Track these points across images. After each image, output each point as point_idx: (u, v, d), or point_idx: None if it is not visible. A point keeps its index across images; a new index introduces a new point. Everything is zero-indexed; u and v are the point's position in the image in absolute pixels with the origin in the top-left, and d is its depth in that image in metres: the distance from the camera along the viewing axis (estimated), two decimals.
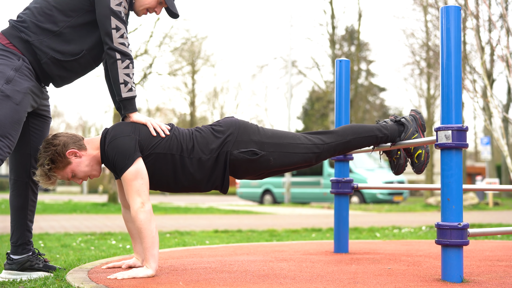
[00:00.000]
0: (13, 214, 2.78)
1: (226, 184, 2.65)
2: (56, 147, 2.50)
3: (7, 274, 2.75)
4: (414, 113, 3.00)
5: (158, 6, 2.74)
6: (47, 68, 2.57)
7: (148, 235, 2.45)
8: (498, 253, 3.55)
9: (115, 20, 2.53)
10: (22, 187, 2.75)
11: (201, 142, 2.60)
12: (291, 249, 3.80)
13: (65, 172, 2.55)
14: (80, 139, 2.58)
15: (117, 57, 2.53)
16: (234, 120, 2.70)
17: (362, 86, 30.46)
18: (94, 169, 2.61)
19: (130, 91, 2.57)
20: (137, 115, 2.61)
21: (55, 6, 2.55)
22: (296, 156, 2.70)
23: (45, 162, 2.50)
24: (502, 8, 7.07)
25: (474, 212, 12.63)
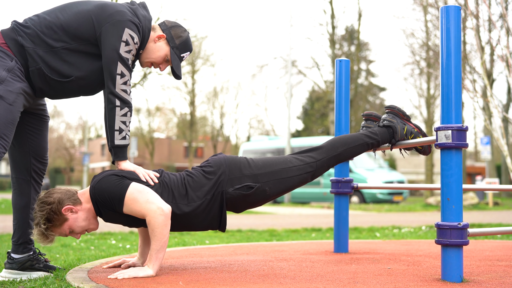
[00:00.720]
0: (15, 212, 2.78)
1: (223, 223, 2.65)
2: (51, 205, 2.45)
3: (7, 273, 2.75)
4: (389, 109, 3.00)
5: (163, 63, 2.74)
6: (32, 77, 2.54)
7: (160, 238, 2.42)
8: (498, 253, 3.55)
9: (121, 66, 2.52)
10: (24, 185, 2.76)
11: (194, 186, 2.58)
12: (291, 249, 3.81)
13: (62, 229, 2.50)
14: (74, 193, 2.53)
15: (117, 103, 2.53)
16: (223, 158, 2.68)
17: (362, 86, 30.47)
18: (91, 223, 2.55)
19: (123, 139, 2.57)
20: (126, 163, 2.60)
21: (63, 26, 2.53)
22: (291, 180, 2.71)
23: (41, 222, 2.45)
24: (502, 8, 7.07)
25: (474, 212, 12.64)
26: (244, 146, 21.29)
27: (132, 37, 2.54)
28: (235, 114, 37.99)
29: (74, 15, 2.55)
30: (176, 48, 2.70)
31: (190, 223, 2.61)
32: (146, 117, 37.95)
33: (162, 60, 2.71)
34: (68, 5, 2.61)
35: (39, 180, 2.80)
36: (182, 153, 47.91)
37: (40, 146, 2.77)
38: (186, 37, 2.73)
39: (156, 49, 2.68)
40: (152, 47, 2.68)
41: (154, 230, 2.42)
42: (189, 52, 2.77)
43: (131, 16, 2.55)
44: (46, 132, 2.81)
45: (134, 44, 2.55)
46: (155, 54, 2.69)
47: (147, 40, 2.66)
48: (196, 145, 41.14)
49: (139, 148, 38.68)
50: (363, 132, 2.91)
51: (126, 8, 2.59)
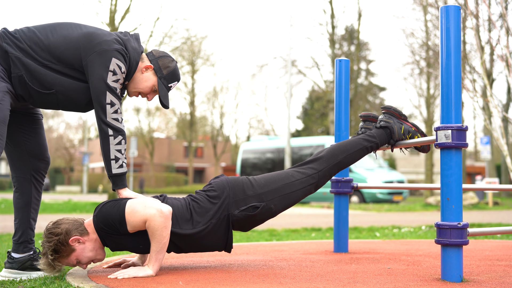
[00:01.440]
0: (17, 211, 2.78)
1: (229, 244, 2.68)
2: (58, 237, 2.46)
3: (7, 273, 2.75)
4: (385, 110, 3.00)
5: (151, 93, 2.75)
6: (13, 83, 2.53)
7: (160, 240, 2.44)
8: (498, 252, 3.55)
9: (110, 95, 2.52)
10: (24, 183, 2.76)
11: (199, 212, 2.59)
12: (291, 248, 3.81)
13: (69, 260, 2.52)
14: (81, 223, 2.54)
15: (110, 133, 2.54)
16: (224, 180, 2.69)
17: (362, 86, 30.47)
18: (98, 254, 2.57)
19: (120, 167, 2.57)
20: (127, 191, 2.61)
21: (51, 47, 2.53)
22: (295, 194, 2.72)
23: (49, 252, 2.47)
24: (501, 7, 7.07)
25: (473, 212, 12.64)
26: (244, 146, 21.29)
27: (120, 67, 2.54)
28: (235, 114, 38.00)
29: (63, 38, 2.55)
30: (163, 78, 2.70)
31: (196, 245, 2.62)
32: (146, 117, 37.98)
33: (149, 90, 2.71)
34: (60, 25, 2.61)
35: (40, 179, 2.80)
36: (182, 153, 47.92)
37: (38, 144, 2.77)
38: (173, 67, 2.74)
39: (143, 79, 2.69)
40: (140, 77, 2.69)
41: (154, 233, 2.42)
42: (176, 82, 2.78)
43: (118, 46, 2.56)
44: (41, 130, 2.81)
45: (121, 74, 2.56)
46: (142, 84, 2.69)
47: (134, 71, 2.66)
48: (196, 145, 41.15)
49: (139, 148, 38.68)
50: (361, 136, 2.91)
51: (114, 38, 2.59)
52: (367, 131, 2.97)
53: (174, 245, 2.59)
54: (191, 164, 38.86)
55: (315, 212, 12.40)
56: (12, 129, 2.70)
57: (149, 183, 39.42)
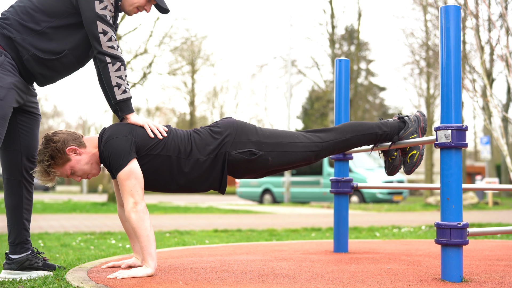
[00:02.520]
0: (9, 213, 2.77)
1: (224, 185, 2.66)
2: (56, 144, 2.51)
3: (7, 274, 2.75)
4: (419, 114, 2.98)
5: (147, 4, 2.74)
6: (28, 65, 2.57)
7: (142, 234, 2.45)
8: (498, 252, 3.55)
9: (101, 24, 2.53)
10: (15, 185, 2.75)
11: (199, 143, 2.61)
12: (291, 248, 3.81)
13: (64, 169, 2.56)
14: (79, 136, 2.59)
15: (108, 60, 2.54)
16: (232, 120, 2.70)
17: (361, 86, 30.47)
18: (93, 168, 2.61)
19: (124, 92, 2.58)
20: (135, 117, 2.62)
21: (38, 7, 2.56)
22: (295, 155, 2.70)
23: (45, 158, 2.51)
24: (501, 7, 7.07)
25: (473, 212, 12.64)
26: None
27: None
28: (235, 114, 37.99)
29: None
30: None
31: (192, 181, 2.62)
32: (146, 116, 37.97)
33: (145, 1, 2.71)
34: None
35: (30, 180, 2.80)
36: None
37: (31, 144, 2.77)
38: None
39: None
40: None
41: (134, 227, 2.47)
42: None
43: None
44: (37, 130, 2.81)
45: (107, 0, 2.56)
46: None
47: None
48: None
49: None
50: (376, 123, 2.89)
51: None
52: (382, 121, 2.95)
53: (173, 179, 2.59)
54: None
55: (315, 212, 12.40)
56: (12, 128, 2.70)
57: None
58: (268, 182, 19.16)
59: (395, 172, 3.02)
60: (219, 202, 18.73)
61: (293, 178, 18.64)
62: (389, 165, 3.00)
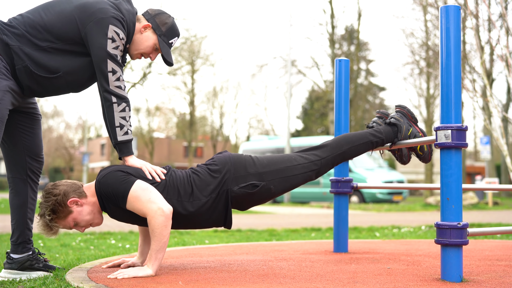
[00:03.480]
0: (13, 212, 2.78)
1: (229, 220, 2.68)
2: (56, 197, 2.48)
3: (7, 273, 2.75)
4: (400, 108, 3.01)
5: (153, 52, 2.74)
6: (19, 75, 2.53)
7: (160, 239, 2.43)
8: (498, 252, 3.55)
9: (111, 63, 2.53)
10: (20, 184, 2.76)
11: (199, 185, 2.59)
12: (291, 248, 3.80)
13: (67, 222, 2.53)
14: (79, 186, 2.55)
15: (113, 100, 2.54)
16: (227, 156, 2.69)
17: (361, 86, 30.48)
18: (96, 217, 2.57)
19: (126, 134, 2.57)
20: (133, 159, 2.61)
21: (47, 26, 2.54)
22: (296, 178, 2.72)
23: (46, 213, 2.48)
24: (501, 7, 7.07)
25: (473, 212, 12.64)
26: (244, 146, 21.29)
27: (118, 33, 2.54)
28: (235, 114, 38.00)
29: (57, 15, 2.55)
30: (163, 35, 2.70)
31: (196, 221, 2.62)
32: (145, 116, 37.95)
33: (151, 49, 2.72)
34: (51, 3, 2.61)
35: (35, 179, 2.80)
36: (182, 152, 47.91)
37: (34, 144, 2.77)
38: (171, 22, 2.73)
39: (143, 39, 2.69)
40: (139, 38, 2.68)
41: (154, 231, 2.42)
42: (177, 37, 2.77)
43: (114, 12, 2.55)
44: (39, 130, 2.81)
45: (120, 40, 2.56)
46: (143, 44, 2.69)
47: (133, 34, 2.66)
48: (196, 145, 41.15)
49: (138, 148, 38.69)
50: (369, 131, 2.92)
51: (108, 4, 2.58)
52: (376, 126, 2.98)
53: (175, 220, 2.58)
54: (191, 164, 38.83)
55: (315, 212, 12.40)
56: (12, 128, 2.70)
57: None
58: None
59: (409, 159, 3.05)
60: None
61: None
62: (399, 157, 3.04)
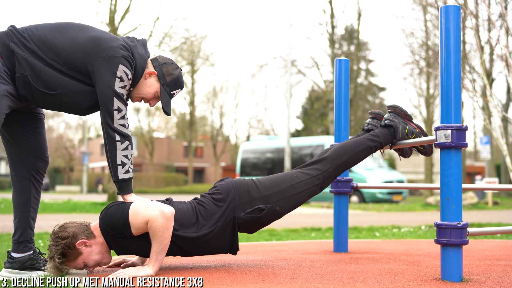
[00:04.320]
0: (16, 210, 2.78)
1: (235, 246, 2.70)
2: (65, 240, 2.49)
3: (7, 273, 2.75)
4: (392, 109, 3.02)
5: (153, 99, 2.76)
6: (17, 83, 2.53)
7: (161, 241, 2.45)
8: (498, 252, 3.55)
9: (118, 101, 2.54)
10: (23, 182, 2.76)
11: (205, 215, 2.61)
12: (291, 248, 3.81)
13: (76, 263, 2.54)
14: (87, 227, 2.57)
15: (117, 138, 2.55)
16: (230, 183, 2.71)
17: (361, 86, 30.47)
18: (105, 257, 2.59)
19: (127, 172, 2.58)
20: (133, 197, 2.62)
21: (57, 49, 2.53)
22: (300, 195, 2.74)
23: (56, 256, 2.50)
24: (501, 7, 7.07)
25: (473, 212, 12.64)
26: (244, 146, 21.29)
27: (126, 74, 2.56)
28: (235, 114, 38.00)
29: (70, 40, 2.55)
30: (166, 85, 2.71)
31: (202, 248, 2.64)
32: (145, 116, 37.96)
33: (152, 96, 2.73)
34: (68, 26, 2.60)
35: (39, 179, 2.80)
36: (182, 152, 47.91)
37: (39, 144, 2.77)
38: (177, 74, 2.74)
39: (147, 85, 2.70)
40: (143, 83, 2.70)
41: (155, 234, 2.44)
42: (180, 89, 2.78)
43: (125, 52, 2.56)
44: (42, 129, 2.81)
45: (128, 80, 2.57)
46: (145, 90, 2.71)
47: (140, 78, 2.67)
48: (196, 145, 41.15)
49: (138, 148, 38.69)
50: (366, 136, 2.93)
51: (121, 43, 2.59)
52: (372, 128, 2.99)
53: (181, 249, 2.60)
54: (190, 164, 38.85)
55: (314, 212, 12.40)
56: (14, 128, 2.71)
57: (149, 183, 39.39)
58: None
59: (411, 152, 3.08)
60: None
61: None
62: (401, 152, 3.07)
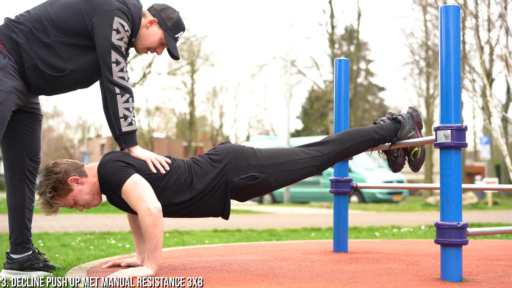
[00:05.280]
0: (11, 212, 2.78)
1: (227, 211, 2.69)
2: (57, 175, 2.50)
3: (7, 274, 2.75)
4: (411, 110, 3.01)
5: (160, 47, 2.76)
6: (28, 73, 2.56)
7: (151, 238, 2.45)
8: (497, 252, 3.55)
9: (115, 54, 2.54)
10: (18, 184, 2.76)
11: (199, 174, 2.61)
12: (291, 248, 3.81)
13: (67, 200, 2.55)
14: (80, 166, 2.58)
15: (117, 91, 2.55)
16: (230, 147, 2.70)
17: (361, 86, 30.48)
18: (95, 198, 2.60)
19: (130, 125, 2.59)
20: (138, 150, 2.62)
21: (53, 20, 2.56)
22: (296, 172, 2.73)
23: (47, 190, 2.50)
24: (501, 7, 7.07)
25: (473, 212, 12.64)
26: None
27: (123, 25, 2.56)
28: (235, 114, 37.98)
29: (63, 8, 2.57)
30: (169, 30, 2.73)
31: (193, 210, 2.63)
32: (145, 116, 37.94)
33: (157, 44, 2.74)
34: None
35: (32, 179, 2.81)
36: (182, 152, 47.89)
37: (33, 144, 2.78)
38: (177, 17, 2.76)
39: (150, 34, 2.72)
40: (146, 33, 2.71)
41: (145, 231, 2.45)
42: (182, 31, 2.80)
43: (119, 4, 2.57)
44: (39, 130, 2.82)
45: (125, 32, 2.58)
46: (149, 39, 2.72)
47: (139, 28, 2.68)
48: (196, 145, 41.11)
49: None
50: (372, 127, 2.91)
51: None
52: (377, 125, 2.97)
53: (173, 209, 2.60)
54: None
55: (314, 212, 12.40)
56: (14, 127, 2.71)
57: None
58: None
59: (400, 168, 3.06)
60: None
61: None
62: (392, 163, 3.04)
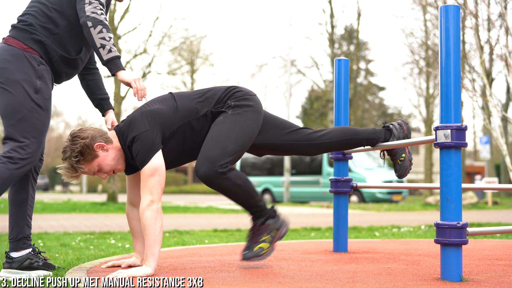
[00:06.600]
0: (14, 208, 2.78)
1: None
2: (84, 140, 2.54)
3: (6, 273, 2.75)
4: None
5: None
6: (57, 66, 2.73)
7: (151, 233, 2.47)
8: (497, 252, 3.55)
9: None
10: (24, 180, 2.78)
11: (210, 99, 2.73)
12: (290, 248, 3.81)
13: (92, 165, 2.59)
14: (105, 132, 2.64)
15: (89, 25, 2.60)
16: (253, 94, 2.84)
17: (361, 85, 30.49)
18: (119, 163, 2.65)
19: (110, 52, 2.61)
20: (123, 74, 2.64)
21: (54, 7, 2.70)
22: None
23: (73, 155, 2.54)
24: (501, 7, 7.07)
25: (473, 211, 12.65)
26: None
27: None
28: None
29: None
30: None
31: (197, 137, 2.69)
32: None
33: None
34: None
35: (36, 177, 2.85)
36: None
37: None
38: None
39: None
40: None
41: (145, 226, 2.48)
42: None
43: None
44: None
45: None
46: None
47: None
48: None
49: None
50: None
51: None
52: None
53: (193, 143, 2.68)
54: (190, 164, 38.84)
55: (314, 212, 12.40)
56: None
57: None
58: (267, 182, 19.16)
59: (406, 173, 3.10)
60: (218, 201, 18.71)
61: (293, 178, 18.64)
62: (399, 167, 3.10)
